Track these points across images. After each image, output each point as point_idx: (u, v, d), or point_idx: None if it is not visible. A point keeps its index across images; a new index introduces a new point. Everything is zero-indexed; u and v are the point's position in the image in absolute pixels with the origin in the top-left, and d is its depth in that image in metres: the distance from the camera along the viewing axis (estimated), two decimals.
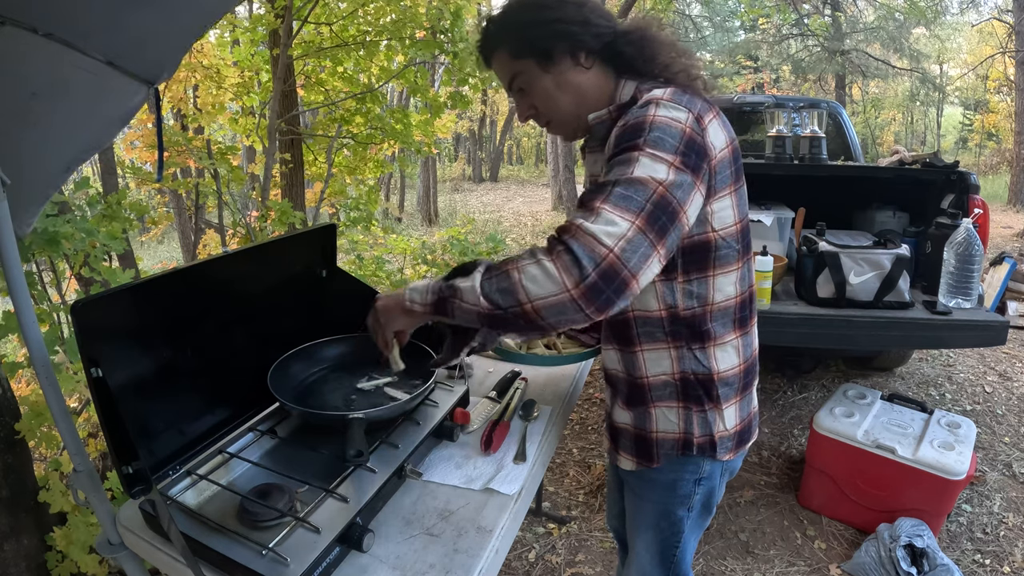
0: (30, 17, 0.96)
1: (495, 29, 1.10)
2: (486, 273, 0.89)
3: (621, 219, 0.82)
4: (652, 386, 1.11)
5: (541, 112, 1.11)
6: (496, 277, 0.87)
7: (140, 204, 2.66)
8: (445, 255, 4.93)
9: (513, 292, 0.84)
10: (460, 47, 3.87)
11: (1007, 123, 14.31)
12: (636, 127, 0.92)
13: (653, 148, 0.89)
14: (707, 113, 0.98)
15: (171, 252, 10.68)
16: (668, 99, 0.95)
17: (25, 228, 1.37)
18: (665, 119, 0.92)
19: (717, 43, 12.97)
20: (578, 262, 0.80)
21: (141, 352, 1.08)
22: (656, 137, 0.90)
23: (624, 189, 0.85)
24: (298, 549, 0.90)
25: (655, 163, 0.88)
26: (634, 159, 0.88)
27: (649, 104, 0.95)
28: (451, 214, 12.75)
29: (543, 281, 0.82)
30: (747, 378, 1.15)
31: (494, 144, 23.33)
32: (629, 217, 0.83)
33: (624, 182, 0.86)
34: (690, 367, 1.08)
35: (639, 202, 0.84)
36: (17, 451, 1.73)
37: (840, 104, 5.41)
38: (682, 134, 0.92)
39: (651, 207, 0.85)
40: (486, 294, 0.86)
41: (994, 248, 6.12)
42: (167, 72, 1.25)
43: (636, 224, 0.83)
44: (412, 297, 0.99)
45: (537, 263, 0.83)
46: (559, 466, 2.85)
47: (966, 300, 2.18)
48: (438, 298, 0.94)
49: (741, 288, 1.09)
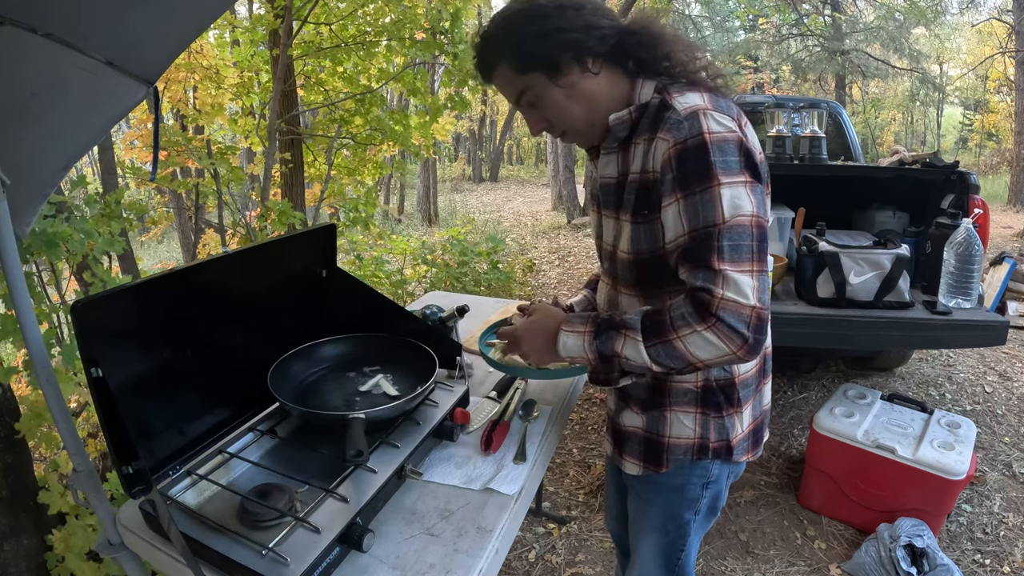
0: (30, 17, 0.96)
1: (494, 45, 1.04)
2: (647, 341, 0.95)
3: (743, 275, 0.90)
4: (673, 391, 1.11)
5: (555, 124, 1.08)
6: (661, 347, 0.94)
7: (139, 204, 2.66)
8: (445, 255, 4.94)
9: (683, 358, 0.93)
10: (460, 48, 3.87)
11: (1007, 123, 14.31)
12: (699, 151, 0.92)
13: (726, 175, 0.92)
14: (742, 118, 0.99)
15: (171, 252, 10.68)
16: (713, 109, 0.95)
17: (24, 227, 1.36)
18: (721, 136, 0.93)
19: (717, 43, 12.95)
20: (735, 330, 0.89)
21: (141, 352, 1.08)
22: (723, 161, 0.92)
23: (730, 240, 0.91)
24: (298, 549, 0.90)
25: (736, 192, 0.92)
26: (717, 196, 0.91)
27: (697, 117, 0.94)
28: (451, 214, 12.74)
29: (710, 348, 0.91)
30: (761, 376, 1.15)
31: (494, 144, 23.33)
32: (747, 267, 0.91)
33: (726, 231, 0.91)
34: (713, 374, 1.08)
35: (748, 247, 0.92)
36: (17, 451, 1.73)
37: (840, 104, 5.40)
38: (739, 145, 0.94)
39: (757, 244, 0.93)
40: (656, 361, 0.95)
41: (994, 248, 6.12)
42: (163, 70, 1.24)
43: (754, 270, 0.92)
44: (568, 352, 1.05)
45: (698, 334, 0.91)
46: (559, 466, 2.85)
47: (966, 300, 2.18)
48: (600, 357, 1.01)
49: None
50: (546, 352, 1.09)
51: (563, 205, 10.62)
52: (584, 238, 8.58)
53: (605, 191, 1.12)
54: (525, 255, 7.44)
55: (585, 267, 6.89)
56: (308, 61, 4.48)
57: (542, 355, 1.12)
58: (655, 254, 1.02)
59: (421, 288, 5.06)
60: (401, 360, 1.38)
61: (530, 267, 6.41)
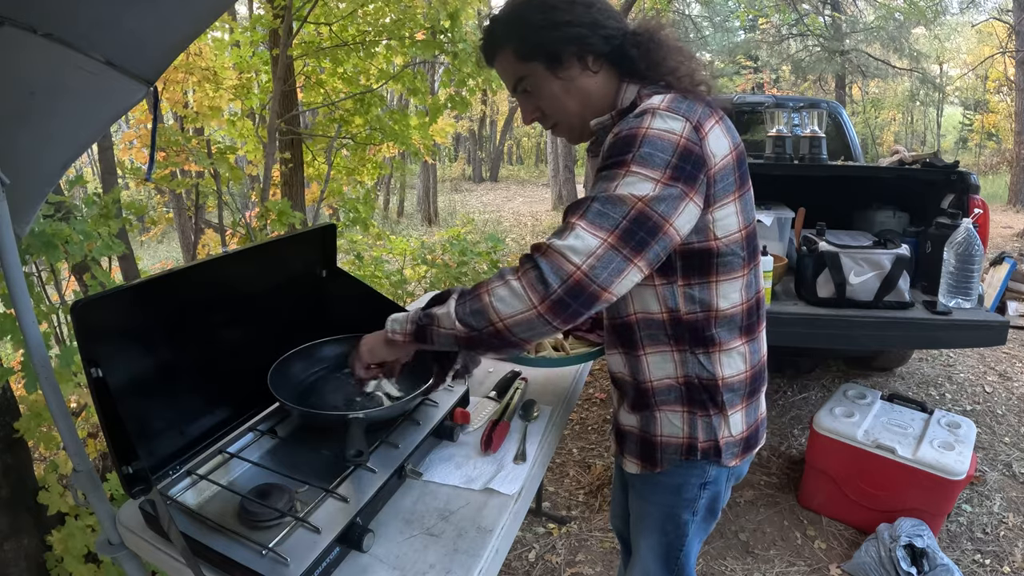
0: (29, 17, 0.96)
1: (501, 29, 1.06)
2: (459, 298, 0.92)
3: (593, 236, 0.85)
4: (656, 390, 1.10)
5: (547, 115, 1.10)
6: (469, 301, 0.90)
7: (138, 204, 2.66)
8: (445, 255, 4.93)
9: (484, 313, 0.88)
10: (459, 47, 3.87)
11: (1007, 123, 14.32)
12: (627, 141, 0.92)
13: (640, 166, 0.89)
14: (708, 120, 0.96)
15: (171, 252, 10.67)
16: (665, 108, 0.94)
17: (24, 226, 1.37)
18: (658, 132, 0.91)
19: (717, 43, 12.96)
20: (544, 279, 0.84)
21: (141, 352, 1.08)
22: (645, 154, 0.90)
23: (601, 206, 0.88)
24: (298, 549, 0.90)
25: (640, 181, 0.89)
26: (618, 176, 0.89)
27: (644, 114, 0.94)
28: (451, 214, 12.74)
29: (511, 300, 0.86)
30: (754, 384, 1.13)
31: (494, 144, 23.33)
32: (601, 235, 0.86)
33: (603, 199, 0.88)
34: (694, 371, 1.07)
35: (614, 219, 0.87)
36: (17, 451, 1.73)
37: (840, 104, 5.41)
38: (675, 146, 0.91)
39: (627, 223, 0.87)
40: (460, 318, 0.90)
41: (994, 248, 6.12)
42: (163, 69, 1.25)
43: (608, 241, 0.86)
44: (393, 328, 1.01)
45: (505, 284, 0.87)
46: (559, 466, 2.85)
47: (966, 300, 2.18)
48: (416, 327, 0.97)
49: (748, 295, 1.07)
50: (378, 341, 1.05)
51: (563, 205, 10.62)
52: None
53: None
54: None
55: None
56: (308, 62, 4.47)
57: (372, 343, 1.06)
58: None
59: (421, 288, 5.06)
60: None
61: None
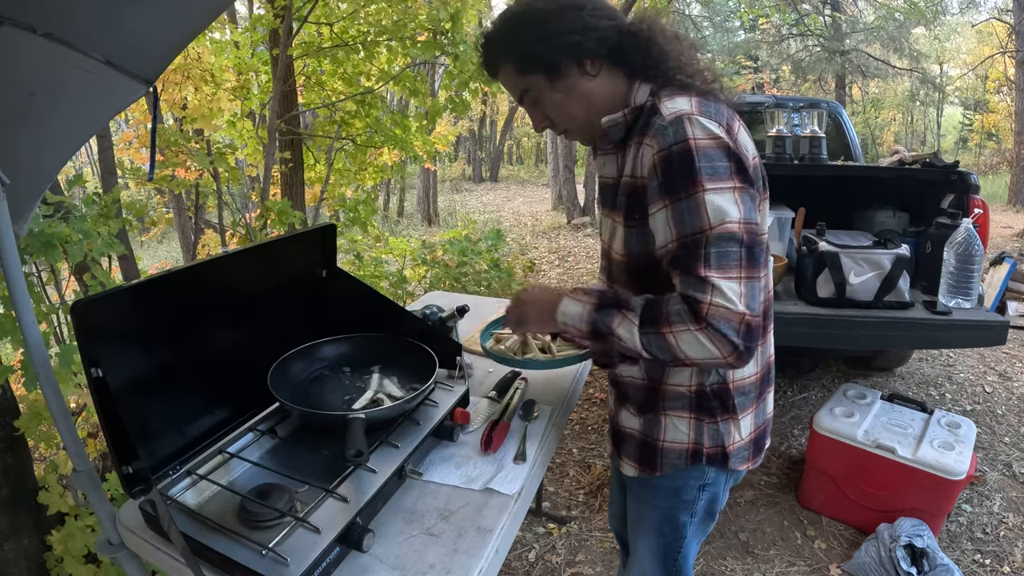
0: (29, 17, 0.96)
1: (496, 47, 1.07)
2: (641, 328, 0.95)
3: (730, 280, 0.90)
4: (667, 395, 1.11)
5: (556, 123, 1.10)
6: (653, 336, 0.94)
7: (138, 204, 2.65)
8: (445, 256, 4.93)
9: (672, 352, 0.93)
10: (460, 49, 3.87)
11: (1007, 123, 14.31)
12: (684, 158, 0.92)
13: (712, 181, 0.91)
14: (733, 122, 0.98)
15: (171, 252, 10.67)
16: (700, 114, 0.94)
17: (22, 225, 1.36)
18: (707, 143, 0.92)
19: (717, 43, 12.94)
20: (725, 336, 0.88)
21: (141, 352, 1.08)
22: (709, 168, 0.91)
23: (716, 248, 0.90)
24: (298, 549, 0.90)
25: (722, 199, 0.91)
26: (702, 203, 0.91)
27: (682, 123, 0.93)
28: (451, 214, 12.73)
29: (700, 349, 0.90)
30: (763, 385, 1.14)
31: (494, 144, 23.31)
32: (734, 274, 0.90)
33: (713, 239, 0.90)
34: (709, 378, 1.08)
35: (735, 254, 0.90)
36: (17, 451, 1.73)
37: (840, 104, 5.40)
38: (726, 151, 0.93)
39: (745, 251, 0.91)
40: (646, 348, 0.95)
41: (994, 248, 6.12)
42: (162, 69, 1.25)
43: (742, 276, 0.90)
44: (566, 320, 1.05)
45: (690, 333, 0.90)
46: (559, 466, 2.85)
47: (966, 300, 2.18)
48: (594, 330, 1.01)
49: (764, 295, 1.07)
50: (545, 316, 1.09)
51: (563, 205, 10.61)
52: (584, 238, 8.58)
53: (603, 190, 1.15)
54: (525, 255, 7.43)
55: (585, 267, 6.89)
56: (308, 62, 4.47)
57: (541, 319, 1.12)
58: (645, 258, 1.03)
59: (421, 288, 5.06)
60: (401, 360, 1.39)
61: (530, 267, 6.41)
